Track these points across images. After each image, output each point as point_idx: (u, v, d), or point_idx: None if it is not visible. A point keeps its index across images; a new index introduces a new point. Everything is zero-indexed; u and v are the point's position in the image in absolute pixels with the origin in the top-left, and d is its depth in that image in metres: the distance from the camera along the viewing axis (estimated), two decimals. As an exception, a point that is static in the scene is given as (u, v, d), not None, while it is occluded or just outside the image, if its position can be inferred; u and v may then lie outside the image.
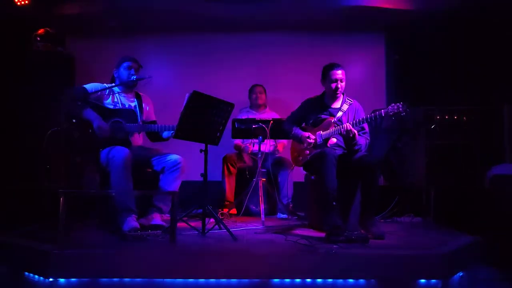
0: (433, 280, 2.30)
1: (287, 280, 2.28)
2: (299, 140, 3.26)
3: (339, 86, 3.15)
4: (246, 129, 3.73)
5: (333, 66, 3.16)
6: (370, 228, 2.82)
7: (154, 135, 3.28)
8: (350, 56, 4.83)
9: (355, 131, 2.95)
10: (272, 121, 3.66)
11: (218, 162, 4.12)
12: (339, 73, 3.14)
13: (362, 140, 3.09)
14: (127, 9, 4.36)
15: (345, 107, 3.22)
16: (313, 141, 3.17)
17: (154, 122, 3.35)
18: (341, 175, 2.90)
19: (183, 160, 3.08)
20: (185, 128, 2.84)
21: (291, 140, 3.46)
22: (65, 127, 2.92)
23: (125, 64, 3.15)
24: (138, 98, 3.29)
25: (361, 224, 2.90)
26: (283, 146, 4.29)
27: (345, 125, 2.96)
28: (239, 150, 4.19)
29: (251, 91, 4.41)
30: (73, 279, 2.27)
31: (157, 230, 2.72)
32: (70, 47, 4.54)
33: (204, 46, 4.90)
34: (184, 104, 2.81)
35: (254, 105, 4.40)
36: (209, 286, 2.27)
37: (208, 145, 2.96)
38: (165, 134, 3.21)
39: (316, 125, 3.25)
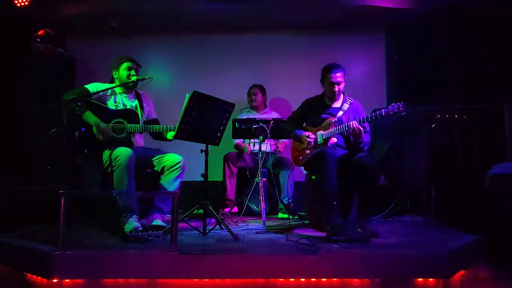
0: (434, 279, 2.31)
1: (288, 280, 2.28)
2: (299, 140, 3.27)
3: (336, 90, 3.15)
4: (246, 129, 3.74)
5: (331, 69, 3.14)
6: (366, 227, 2.82)
7: (157, 133, 3.28)
8: (350, 55, 4.83)
9: (361, 128, 2.95)
10: (272, 121, 3.66)
11: (219, 162, 4.12)
12: (337, 76, 3.12)
13: (366, 138, 3.10)
14: (127, 10, 4.36)
15: (345, 106, 3.22)
16: (312, 140, 3.17)
17: (155, 120, 3.35)
18: (341, 175, 2.90)
19: (183, 160, 3.09)
20: (186, 128, 2.85)
21: (292, 140, 3.47)
22: (67, 128, 2.93)
23: (124, 65, 3.15)
24: (138, 97, 3.29)
25: (357, 222, 2.90)
26: (284, 145, 4.28)
27: (350, 123, 2.95)
28: (240, 150, 4.20)
29: (248, 92, 4.40)
30: (75, 280, 2.27)
31: (158, 231, 2.72)
32: (70, 48, 4.55)
33: (204, 46, 4.91)
34: (184, 104, 2.81)
35: (250, 107, 4.40)
36: (210, 286, 2.27)
37: (209, 145, 2.96)
38: (169, 135, 3.21)
39: (316, 125, 3.25)
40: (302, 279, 2.29)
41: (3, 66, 4.03)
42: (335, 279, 2.29)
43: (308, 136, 3.19)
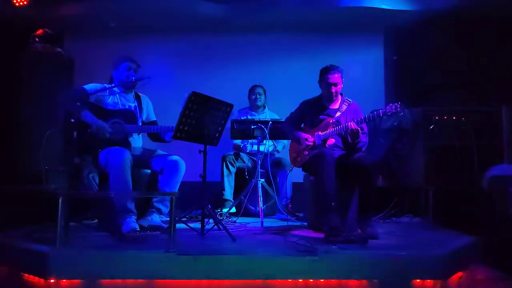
0: (432, 281, 2.31)
1: (286, 281, 2.28)
2: (298, 141, 3.27)
3: (333, 91, 3.16)
4: (245, 130, 3.73)
5: (329, 70, 3.15)
6: (366, 228, 2.82)
7: (155, 135, 3.27)
8: (349, 57, 4.81)
9: (359, 128, 2.96)
10: (270, 122, 3.66)
11: (217, 162, 4.12)
12: (334, 77, 3.13)
13: (363, 138, 3.10)
14: (127, 9, 4.36)
15: (343, 107, 3.23)
16: (312, 143, 3.17)
17: (154, 122, 3.35)
18: (339, 176, 2.90)
19: (182, 161, 3.08)
20: (184, 129, 2.85)
21: (290, 140, 3.47)
22: (64, 128, 2.93)
23: (123, 65, 3.15)
24: (138, 98, 3.30)
25: (357, 224, 2.91)
26: (283, 145, 4.28)
27: (349, 124, 2.96)
28: (238, 150, 4.20)
29: (251, 92, 4.40)
30: (72, 280, 2.27)
31: (156, 231, 2.72)
32: (69, 47, 4.52)
33: (203, 47, 4.90)
34: (183, 105, 2.81)
35: (253, 106, 4.40)
36: (207, 287, 2.26)
37: (207, 146, 2.96)
38: (167, 136, 3.20)
39: (314, 126, 3.25)
40: (300, 280, 2.28)
41: (1, 65, 4.02)
42: (333, 280, 2.29)
43: (307, 139, 3.19)
